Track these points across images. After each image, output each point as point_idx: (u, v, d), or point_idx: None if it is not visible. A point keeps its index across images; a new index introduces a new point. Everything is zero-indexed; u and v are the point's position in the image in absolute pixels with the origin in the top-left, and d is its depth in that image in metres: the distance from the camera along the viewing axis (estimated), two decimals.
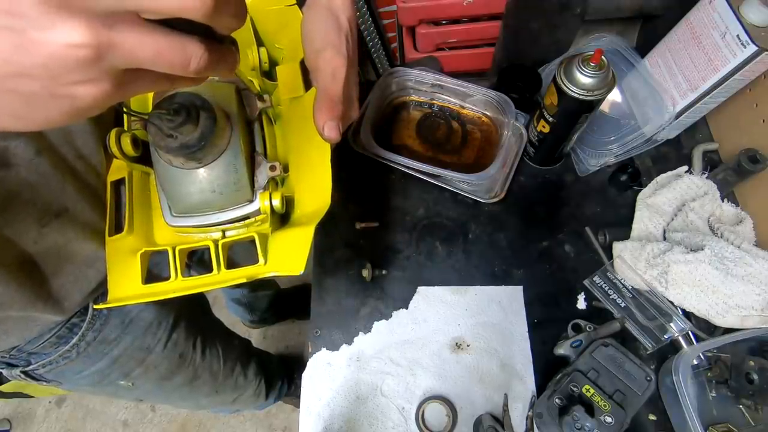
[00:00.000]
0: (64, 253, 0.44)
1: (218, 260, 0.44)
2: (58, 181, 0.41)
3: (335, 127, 0.40)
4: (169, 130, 0.36)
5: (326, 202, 0.42)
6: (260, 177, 0.45)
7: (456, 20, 0.67)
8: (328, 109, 0.40)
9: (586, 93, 0.53)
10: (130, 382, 0.62)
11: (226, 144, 0.41)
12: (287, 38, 0.53)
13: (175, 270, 0.43)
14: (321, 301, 0.63)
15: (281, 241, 0.44)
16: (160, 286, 0.43)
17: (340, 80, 0.41)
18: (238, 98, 0.45)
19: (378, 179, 0.69)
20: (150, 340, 0.60)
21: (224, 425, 1.39)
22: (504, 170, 0.66)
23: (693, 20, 0.60)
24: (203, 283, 0.44)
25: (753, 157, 0.60)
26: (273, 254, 0.44)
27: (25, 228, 0.41)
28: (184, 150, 0.38)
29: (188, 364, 0.70)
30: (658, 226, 0.62)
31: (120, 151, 0.43)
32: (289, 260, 0.41)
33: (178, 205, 0.44)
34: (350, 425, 0.56)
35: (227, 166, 0.42)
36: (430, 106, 0.73)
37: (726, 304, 0.55)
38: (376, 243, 0.65)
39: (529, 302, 0.62)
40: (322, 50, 0.41)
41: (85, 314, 0.51)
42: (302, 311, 1.43)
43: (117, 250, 0.46)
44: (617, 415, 0.49)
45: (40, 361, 0.50)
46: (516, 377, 0.58)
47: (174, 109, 0.36)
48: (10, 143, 0.37)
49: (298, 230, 0.43)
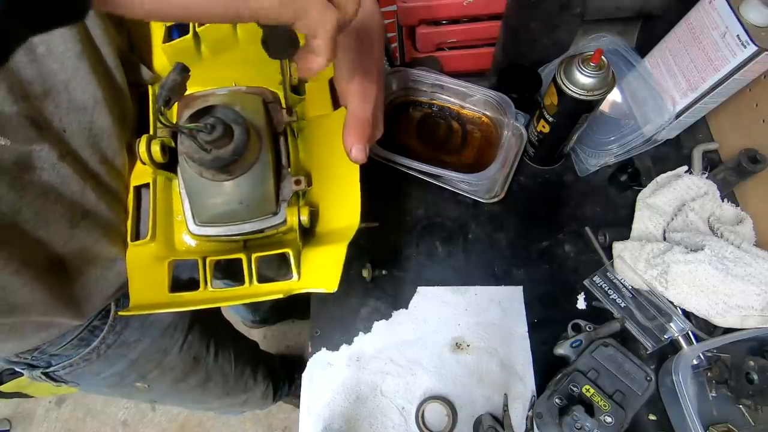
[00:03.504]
0: (87, 256, 0.45)
1: (250, 273, 0.44)
2: (78, 185, 0.42)
3: (363, 149, 0.42)
4: (205, 144, 0.37)
5: (355, 221, 0.43)
6: (285, 190, 0.46)
7: (456, 20, 0.67)
8: (358, 132, 0.42)
9: (586, 93, 0.53)
10: (147, 384, 0.63)
11: (256, 157, 0.42)
12: None
13: (204, 280, 0.43)
14: (321, 301, 0.63)
15: (314, 257, 0.44)
16: (189, 296, 0.43)
17: (370, 105, 0.43)
18: (265, 110, 0.45)
19: (378, 179, 0.69)
20: (167, 342, 0.61)
21: (224, 425, 1.39)
22: (504, 170, 0.66)
23: (693, 20, 0.60)
24: (234, 295, 0.44)
25: (753, 157, 0.60)
26: (306, 270, 0.44)
27: (58, 229, 0.41)
28: (217, 163, 0.38)
29: (202, 366, 0.71)
30: (658, 226, 0.62)
31: (149, 158, 0.43)
32: (324, 277, 0.42)
33: (203, 215, 0.44)
34: (350, 425, 0.56)
35: (255, 179, 0.42)
36: (430, 106, 0.73)
37: (726, 304, 0.55)
38: (376, 243, 0.65)
39: (529, 302, 0.62)
40: (354, 75, 0.43)
41: (106, 317, 0.51)
42: (302, 311, 1.43)
43: (139, 256, 0.46)
44: (617, 415, 0.49)
45: (60, 363, 0.51)
46: (516, 377, 0.58)
47: (211, 124, 0.36)
48: (34, 147, 0.38)
49: (331, 248, 0.43)
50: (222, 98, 0.45)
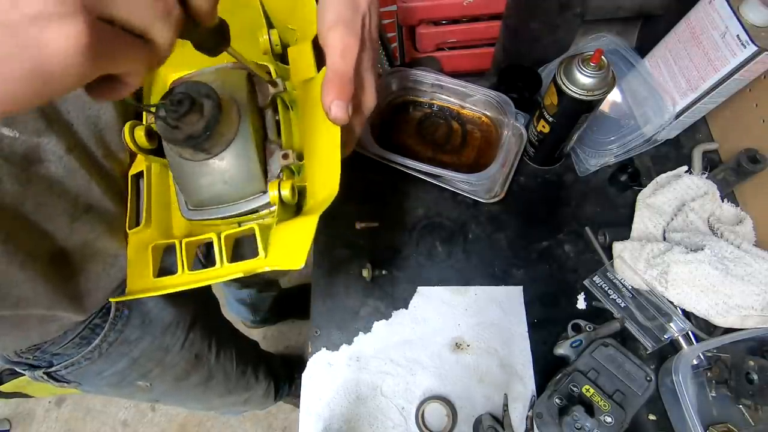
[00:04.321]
0: (90, 250, 0.44)
1: (221, 253, 0.42)
2: (84, 178, 0.42)
3: (344, 107, 0.37)
4: (173, 121, 0.36)
5: (334, 189, 0.39)
6: (273, 166, 0.43)
7: (456, 20, 0.67)
8: (337, 87, 0.37)
9: (586, 93, 0.53)
10: (148, 382, 0.63)
11: (235, 133, 0.40)
12: (299, 18, 0.50)
13: (182, 264, 0.43)
14: (321, 301, 0.63)
15: (285, 233, 0.41)
16: (168, 280, 0.43)
17: (351, 59, 0.38)
18: (249, 85, 0.44)
19: (378, 179, 0.69)
20: (168, 339, 0.61)
21: (224, 425, 1.39)
22: (504, 170, 0.66)
23: (693, 20, 0.60)
24: (207, 276, 0.42)
25: (753, 157, 0.60)
26: (275, 247, 0.41)
27: (60, 222, 0.41)
28: (191, 141, 0.37)
29: (203, 364, 0.71)
30: (658, 226, 0.62)
31: (135, 144, 0.43)
32: (290, 254, 0.38)
33: (192, 199, 0.44)
34: (350, 425, 0.56)
35: (237, 156, 0.41)
36: (430, 106, 0.73)
37: (726, 304, 0.55)
38: (376, 243, 0.65)
39: (529, 302, 0.62)
40: (334, 27, 0.38)
41: (107, 315, 0.51)
42: (302, 311, 1.44)
43: (136, 243, 0.45)
44: (617, 415, 0.49)
45: (62, 362, 0.51)
46: (516, 377, 0.58)
47: (177, 100, 0.35)
48: (42, 139, 0.37)
49: (301, 220, 0.39)
50: (209, 76, 0.44)
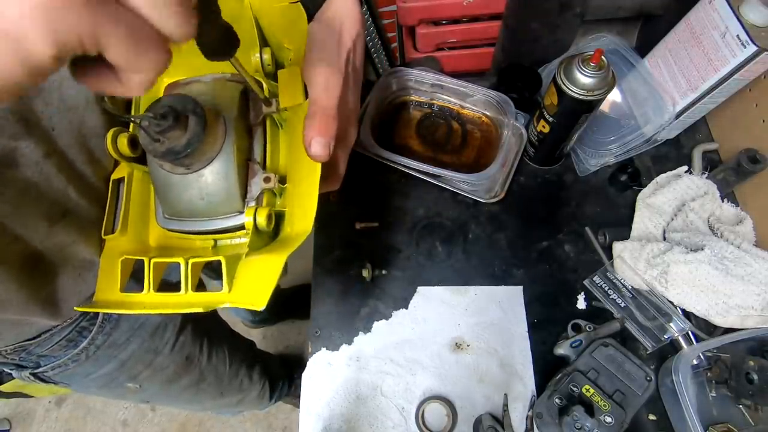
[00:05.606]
0: (66, 255, 0.44)
1: (186, 281, 0.39)
2: (61, 183, 0.41)
3: (325, 144, 0.36)
4: (155, 134, 0.35)
5: (307, 227, 0.38)
6: (254, 188, 0.42)
7: (456, 20, 0.67)
8: (319, 123, 0.37)
9: (586, 93, 0.53)
10: (138, 384, 0.62)
11: (217, 152, 0.39)
12: (295, 38, 0.49)
13: (148, 283, 0.40)
14: (321, 301, 0.63)
15: (251, 269, 0.39)
16: (134, 297, 0.41)
17: (334, 95, 0.38)
18: (242, 101, 0.42)
19: (378, 179, 0.69)
20: (158, 342, 0.60)
21: (224, 425, 1.39)
22: (504, 170, 0.66)
23: (693, 20, 0.60)
24: (169, 302, 0.40)
25: (753, 157, 0.60)
26: (240, 282, 0.39)
27: (35, 226, 0.40)
28: (170, 155, 0.36)
29: (194, 366, 0.70)
30: (658, 226, 0.62)
31: (116, 151, 0.42)
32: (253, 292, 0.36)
33: (168, 208, 0.43)
34: (350, 425, 0.56)
35: (216, 175, 0.39)
36: (430, 106, 0.73)
37: (726, 304, 0.55)
38: (376, 243, 0.65)
39: (529, 302, 0.62)
40: (318, 62, 0.39)
41: (95, 318, 0.50)
42: (302, 311, 1.43)
43: (110, 250, 0.44)
44: (617, 415, 0.49)
45: (49, 364, 0.50)
46: (516, 377, 0.58)
47: (162, 114, 0.34)
48: (20, 143, 0.37)
49: (268, 257, 0.38)
50: (204, 86, 0.43)
